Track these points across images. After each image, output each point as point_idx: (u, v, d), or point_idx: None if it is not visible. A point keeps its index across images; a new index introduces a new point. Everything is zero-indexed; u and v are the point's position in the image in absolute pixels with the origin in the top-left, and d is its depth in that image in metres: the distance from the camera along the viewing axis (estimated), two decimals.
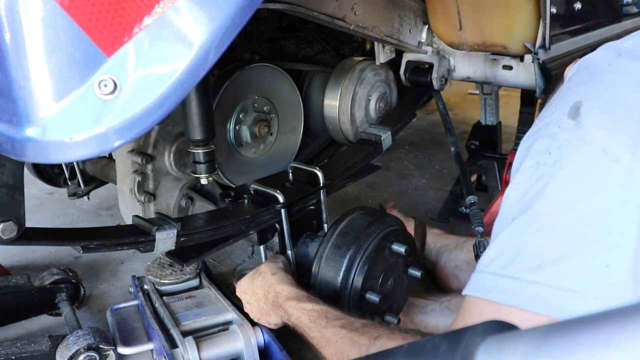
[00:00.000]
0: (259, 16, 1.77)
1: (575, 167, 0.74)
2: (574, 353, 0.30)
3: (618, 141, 0.73)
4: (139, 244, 1.15)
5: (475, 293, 0.78)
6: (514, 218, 0.77)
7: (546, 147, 0.78)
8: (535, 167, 0.78)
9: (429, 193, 2.41)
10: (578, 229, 0.71)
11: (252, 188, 1.35)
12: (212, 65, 0.72)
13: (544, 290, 0.70)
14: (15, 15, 0.68)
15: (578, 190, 0.73)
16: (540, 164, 0.78)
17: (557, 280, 0.69)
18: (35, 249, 1.88)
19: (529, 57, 1.50)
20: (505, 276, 0.74)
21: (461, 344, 0.36)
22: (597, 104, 0.78)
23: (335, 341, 0.99)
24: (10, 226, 0.96)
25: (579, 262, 0.69)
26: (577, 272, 0.69)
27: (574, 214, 0.72)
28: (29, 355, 1.21)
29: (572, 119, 0.78)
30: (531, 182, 0.77)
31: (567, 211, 0.72)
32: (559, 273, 0.70)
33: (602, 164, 0.72)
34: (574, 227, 0.71)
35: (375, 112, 1.81)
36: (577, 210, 0.72)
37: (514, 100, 2.34)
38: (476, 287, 0.78)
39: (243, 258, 1.87)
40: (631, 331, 0.28)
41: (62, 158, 0.75)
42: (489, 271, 0.77)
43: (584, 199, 0.72)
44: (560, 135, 0.78)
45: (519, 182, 0.80)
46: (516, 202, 0.78)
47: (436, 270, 1.51)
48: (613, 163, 0.72)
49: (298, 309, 1.10)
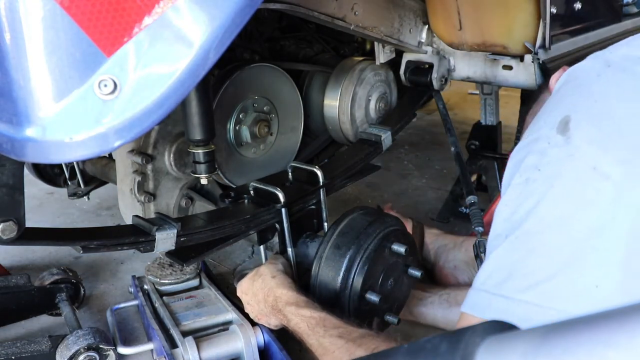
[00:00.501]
0: (259, 16, 1.77)
1: (565, 184, 0.74)
2: (574, 353, 0.30)
3: (608, 157, 0.72)
4: (139, 244, 1.15)
5: (470, 310, 0.79)
6: (507, 235, 0.77)
7: (535, 163, 0.78)
8: (525, 184, 0.78)
9: (429, 193, 2.41)
10: (569, 247, 0.71)
11: (252, 187, 1.35)
12: (212, 65, 0.72)
13: (534, 310, 0.70)
14: (15, 15, 0.68)
15: (568, 208, 0.73)
16: (529, 181, 0.77)
17: (547, 300, 0.70)
18: (35, 249, 1.88)
19: (529, 57, 1.50)
20: (498, 295, 0.75)
21: (461, 344, 0.36)
22: (586, 117, 0.77)
23: (333, 351, 0.99)
24: (10, 226, 0.96)
25: (569, 282, 0.70)
26: (566, 292, 0.70)
27: (564, 232, 0.72)
28: (29, 355, 1.21)
29: (561, 134, 0.77)
30: (521, 199, 0.77)
31: (558, 229, 0.72)
32: (549, 293, 0.70)
33: (592, 182, 0.72)
34: (564, 245, 0.71)
35: (375, 112, 1.81)
36: (567, 228, 0.72)
37: (514, 100, 2.34)
38: (472, 304, 0.79)
39: (243, 258, 1.87)
40: (631, 331, 0.28)
41: (62, 158, 0.75)
42: (483, 289, 0.78)
43: (574, 217, 0.72)
44: (549, 152, 0.77)
45: (509, 198, 0.80)
46: (507, 218, 0.79)
47: (435, 270, 1.51)
48: (603, 181, 0.71)
49: (297, 315, 1.10)
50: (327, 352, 1.00)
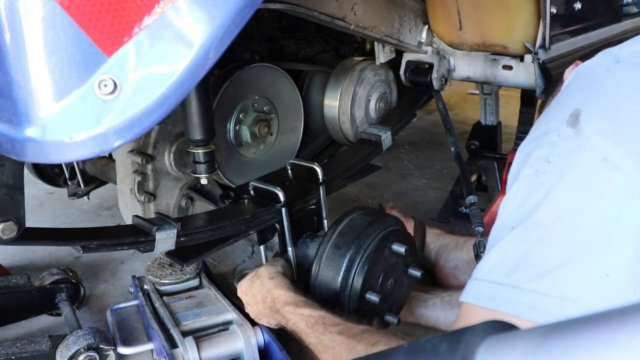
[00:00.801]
0: (259, 16, 1.77)
1: (576, 176, 0.74)
2: (574, 353, 0.30)
3: (619, 149, 0.72)
4: (139, 244, 1.15)
5: (474, 301, 0.78)
6: (513, 227, 0.77)
7: (545, 155, 0.78)
8: (535, 175, 0.78)
9: (429, 193, 2.41)
10: (578, 237, 0.71)
11: (251, 186, 1.35)
12: (212, 65, 0.72)
13: (544, 299, 0.70)
14: (15, 15, 0.68)
15: (578, 199, 0.73)
16: (539, 173, 0.77)
17: (557, 289, 0.70)
18: (35, 249, 1.88)
19: (529, 57, 1.50)
20: (506, 285, 0.74)
21: (461, 344, 0.36)
22: (596, 110, 0.78)
23: (333, 348, 0.99)
24: (10, 226, 0.96)
25: (579, 271, 0.70)
26: (576, 281, 0.69)
27: (574, 223, 0.72)
28: (29, 355, 1.21)
29: (572, 126, 0.77)
30: (530, 190, 0.77)
31: (568, 220, 0.72)
32: (559, 282, 0.70)
33: (602, 173, 0.72)
34: (574, 236, 0.71)
35: (375, 112, 1.81)
36: (577, 220, 0.72)
37: (514, 100, 2.34)
38: (476, 295, 0.78)
39: (243, 258, 1.87)
40: (631, 331, 0.28)
41: (62, 158, 0.75)
42: (488, 279, 0.77)
43: (584, 208, 0.72)
44: (559, 144, 0.77)
45: (517, 190, 0.80)
46: (515, 210, 0.78)
47: (435, 270, 1.51)
48: (614, 172, 0.71)
49: (296, 315, 1.10)
50: (327, 349, 1.00)
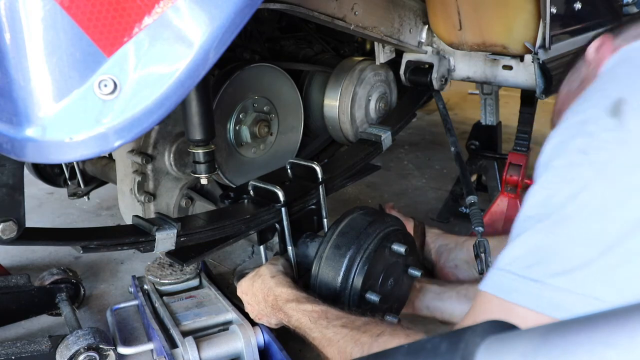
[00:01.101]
0: (259, 16, 1.77)
1: (615, 172, 0.69)
2: (574, 353, 0.30)
3: None
4: (139, 244, 1.15)
5: (492, 291, 0.75)
6: (541, 218, 0.72)
7: (582, 146, 0.72)
8: (569, 167, 0.72)
9: (429, 193, 2.41)
10: (611, 235, 0.66)
11: (251, 185, 1.35)
12: (212, 65, 0.72)
13: (566, 296, 0.67)
14: (15, 15, 0.68)
15: (616, 197, 0.68)
16: (574, 165, 0.72)
17: (584, 287, 0.66)
18: (35, 249, 1.88)
19: (529, 57, 1.50)
20: (527, 278, 0.71)
21: (461, 344, 0.36)
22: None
23: (337, 341, 0.98)
24: (10, 226, 0.96)
25: (609, 270, 0.66)
26: (605, 280, 0.66)
27: (609, 220, 0.67)
28: (29, 355, 1.21)
29: (613, 117, 0.70)
30: (563, 183, 0.72)
31: (602, 217, 0.68)
32: (587, 279, 0.66)
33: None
34: (607, 234, 0.67)
35: (375, 112, 1.81)
36: (612, 217, 0.67)
37: (514, 100, 2.34)
38: (494, 285, 0.75)
39: (243, 258, 1.87)
40: (631, 331, 0.28)
41: (62, 158, 0.75)
42: (509, 270, 0.73)
43: (621, 206, 0.67)
44: (599, 135, 0.71)
45: (548, 180, 0.74)
46: (544, 201, 0.73)
47: (436, 270, 1.51)
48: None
49: (298, 311, 1.09)
50: (332, 342, 0.99)
